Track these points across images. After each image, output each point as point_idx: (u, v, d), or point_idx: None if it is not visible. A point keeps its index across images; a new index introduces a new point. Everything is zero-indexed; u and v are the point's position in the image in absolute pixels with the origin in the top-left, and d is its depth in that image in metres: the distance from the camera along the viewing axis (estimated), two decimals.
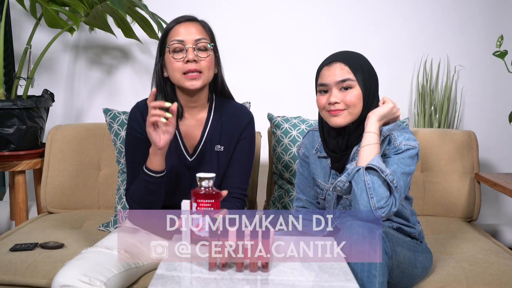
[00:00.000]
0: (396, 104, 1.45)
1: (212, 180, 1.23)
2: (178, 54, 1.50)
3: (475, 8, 2.55)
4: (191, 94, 1.56)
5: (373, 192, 1.31)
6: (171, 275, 1.10)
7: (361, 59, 1.47)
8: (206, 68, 1.52)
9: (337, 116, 1.43)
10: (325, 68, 1.46)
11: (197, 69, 1.50)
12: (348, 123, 1.44)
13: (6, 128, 2.15)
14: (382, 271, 1.26)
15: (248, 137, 1.63)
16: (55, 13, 2.20)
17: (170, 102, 1.44)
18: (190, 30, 1.51)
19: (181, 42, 1.50)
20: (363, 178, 1.33)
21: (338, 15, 2.57)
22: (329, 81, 1.44)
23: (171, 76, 1.54)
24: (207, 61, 1.52)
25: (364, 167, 1.34)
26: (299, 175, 1.67)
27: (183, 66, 1.50)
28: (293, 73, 2.60)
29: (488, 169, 2.63)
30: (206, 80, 1.54)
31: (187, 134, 1.61)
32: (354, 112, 1.43)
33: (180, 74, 1.50)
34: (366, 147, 1.37)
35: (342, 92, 1.43)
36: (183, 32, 1.51)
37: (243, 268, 1.14)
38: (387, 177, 1.32)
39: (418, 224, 1.57)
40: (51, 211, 2.14)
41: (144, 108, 1.59)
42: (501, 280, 1.52)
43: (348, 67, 1.43)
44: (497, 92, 2.59)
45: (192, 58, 1.49)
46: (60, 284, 1.28)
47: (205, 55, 1.52)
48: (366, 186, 1.32)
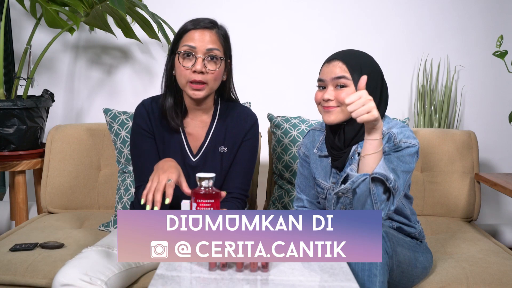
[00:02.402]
0: None
1: (212, 180, 1.23)
2: (187, 61, 1.49)
3: (475, 8, 2.55)
4: (195, 100, 1.56)
5: (377, 198, 1.31)
6: (171, 275, 1.10)
7: (363, 60, 1.46)
8: (212, 80, 1.51)
9: (329, 112, 1.44)
10: (325, 65, 1.47)
11: (202, 80, 1.49)
12: (340, 120, 1.45)
13: (6, 128, 2.15)
14: (382, 271, 1.26)
15: (251, 139, 1.63)
16: (55, 13, 2.20)
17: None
18: (204, 38, 1.49)
19: (193, 48, 1.49)
20: (368, 186, 1.31)
21: (338, 16, 2.57)
22: (325, 77, 1.45)
23: (177, 79, 1.54)
24: (214, 74, 1.50)
25: (370, 176, 1.31)
26: (300, 175, 1.67)
27: (190, 75, 1.49)
28: (293, 73, 2.60)
29: (488, 169, 2.63)
30: (210, 91, 1.54)
31: (191, 135, 1.61)
32: (346, 111, 1.42)
33: (186, 81, 1.50)
34: (370, 155, 1.32)
35: (337, 90, 1.43)
36: (197, 39, 1.49)
37: (243, 268, 1.14)
38: (391, 185, 1.30)
39: (418, 224, 1.57)
40: (51, 211, 2.14)
41: (149, 106, 1.59)
42: (501, 280, 1.52)
43: (346, 66, 1.43)
44: (497, 92, 2.59)
45: (199, 69, 1.48)
46: (60, 283, 1.28)
47: (213, 67, 1.50)
48: (371, 194, 1.31)
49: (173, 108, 1.57)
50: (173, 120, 1.56)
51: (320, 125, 1.64)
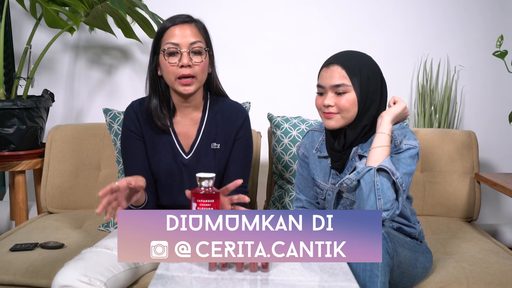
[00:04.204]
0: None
1: (212, 180, 1.23)
2: (173, 58, 1.50)
3: (475, 8, 2.55)
4: (185, 96, 1.56)
5: (381, 193, 1.31)
6: (171, 275, 1.10)
7: (362, 62, 1.46)
8: (200, 72, 1.52)
9: (330, 119, 1.45)
10: (324, 70, 1.47)
11: (191, 74, 1.50)
12: (341, 126, 1.46)
13: (6, 128, 2.15)
14: (384, 271, 1.26)
15: (244, 136, 1.63)
16: (55, 13, 2.20)
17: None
18: (185, 33, 1.50)
19: (176, 45, 1.49)
20: (373, 178, 1.32)
21: (338, 15, 2.57)
22: (325, 83, 1.45)
23: (165, 78, 1.54)
24: (201, 66, 1.52)
25: (376, 167, 1.33)
26: (299, 175, 1.67)
27: (178, 71, 1.49)
28: (293, 73, 2.60)
29: (488, 169, 2.63)
30: (199, 84, 1.54)
31: (182, 133, 1.60)
32: (347, 117, 1.44)
33: (174, 78, 1.50)
34: (378, 148, 1.36)
35: (337, 96, 1.43)
36: (178, 34, 1.50)
37: (243, 268, 1.14)
38: (397, 180, 1.32)
39: (418, 224, 1.57)
40: (51, 211, 2.13)
41: (138, 108, 1.59)
42: (501, 280, 1.52)
43: (345, 71, 1.42)
44: (497, 92, 2.59)
45: (186, 63, 1.48)
46: (60, 284, 1.28)
47: (199, 59, 1.51)
48: (375, 187, 1.31)
49: (159, 109, 1.56)
50: (159, 120, 1.56)
51: (319, 126, 1.64)
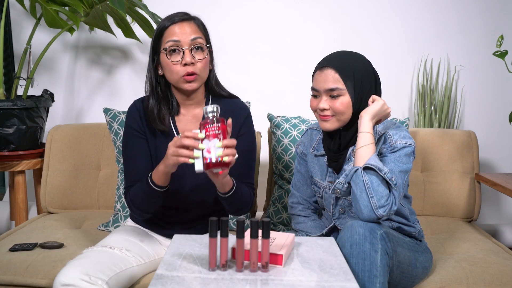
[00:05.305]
0: (385, 101, 1.45)
1: (217, 109, 1.27)
2: (175, 56, 1.50)
3: (475, 8, 2.55)
4: (188, 94, 1.56)
5: (372, 191, 1.32)
6: (171, 275, 1.10)
7: (355, 63, 1.46)
8: (203, 69, 1.52)
9: (326, 121, 1.47)
10: (317, 73, 1.47)
11: (195, 71, 1.50)
12: (336, 128, 1.47)
13: (6, 128, 2.15)
14: (383, 271, 1.26)
15: (247, 133, 1.63)
16: (55, 13, 2.20)
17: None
18: (185, 30, 1.50)
19: (177, 42, 1.49)
20: (361, 178, 1.33)
21: (338, 16, 2.57)
22: (319, 87, 1.46)
23: (169, 77, 1.54)
24: (203, 63, 1.52)
25: (361, 167, 1.35)
26: (297, 172, 1.69)
27: (181, 69, 1.49)
28: (293, 73, 2.60)
29: (488, 169, 2.63)
30: (202, 81, 1.55)
31: (184, 130, 1.60)
32: (342, 119, 1.45)
33: (179, 77, 1.50)
34: (362, 148, 1.38)
35: (331, 99, 1.44)
36: (178, 32, 1.50)
37: (243, 268, 1.14)
38: (385, 175, 1.33)
39: (417, 223, 1.57)
40: (51, 211, 2.13)
41: (141, 107, 1.59)
42: (501, 280, 1.52)
43: (339, 74, 1.43)
44: (497, 92, 2.59)
45: (189, 61, 1.48)
46: (62, 283, 1.28)
47: (201, 56, 1.51)
48: (365, 186, 1.32)
49: (156, 110, 1.55)
50: (155, 122, 1.55)
51: (318, 124, 1.65)
